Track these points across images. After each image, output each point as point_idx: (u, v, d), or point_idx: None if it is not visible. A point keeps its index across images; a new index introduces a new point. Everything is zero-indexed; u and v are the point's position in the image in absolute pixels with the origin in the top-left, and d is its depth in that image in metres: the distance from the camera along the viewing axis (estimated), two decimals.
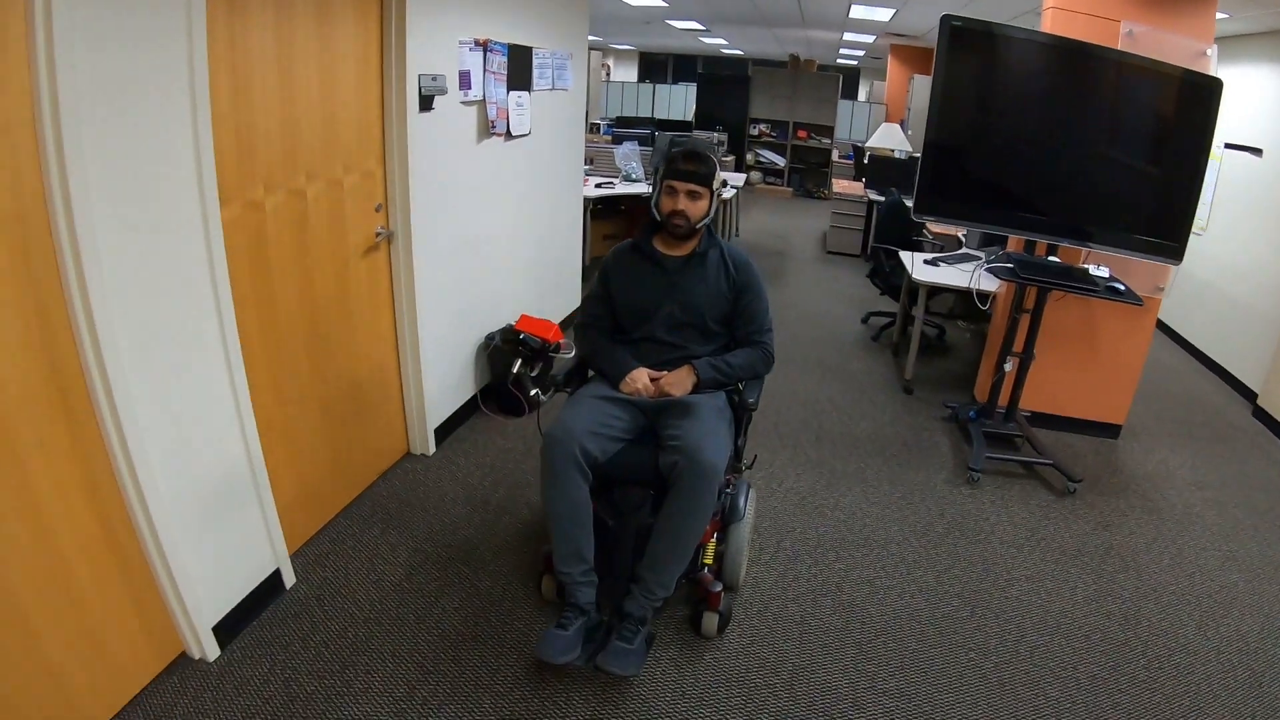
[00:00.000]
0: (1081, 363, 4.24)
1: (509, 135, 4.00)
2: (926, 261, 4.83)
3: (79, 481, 2.01)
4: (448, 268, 3.63)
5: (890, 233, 5.64)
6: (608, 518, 2.44)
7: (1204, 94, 3.30)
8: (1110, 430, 4.36)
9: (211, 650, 2.41)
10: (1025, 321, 3.85)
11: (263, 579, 2.63)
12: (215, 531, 2.42)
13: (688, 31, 12.47)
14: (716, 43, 14.54)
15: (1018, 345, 3.91)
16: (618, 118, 12.30)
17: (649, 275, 2.63)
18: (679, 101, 16.36)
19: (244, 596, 2.55)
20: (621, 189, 7.05)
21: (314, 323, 2.91)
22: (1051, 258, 3.74)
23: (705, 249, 2.63)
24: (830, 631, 2.68)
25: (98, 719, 2.13)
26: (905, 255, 5.00)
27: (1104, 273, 3.67)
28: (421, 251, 3.37)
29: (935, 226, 5.97)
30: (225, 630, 2.46)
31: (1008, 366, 3.94)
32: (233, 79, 2.35)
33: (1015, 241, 4.10)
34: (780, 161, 13.32)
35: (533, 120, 4.25)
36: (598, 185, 7.05)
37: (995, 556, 3.17)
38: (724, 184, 2.59)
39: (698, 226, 2.57)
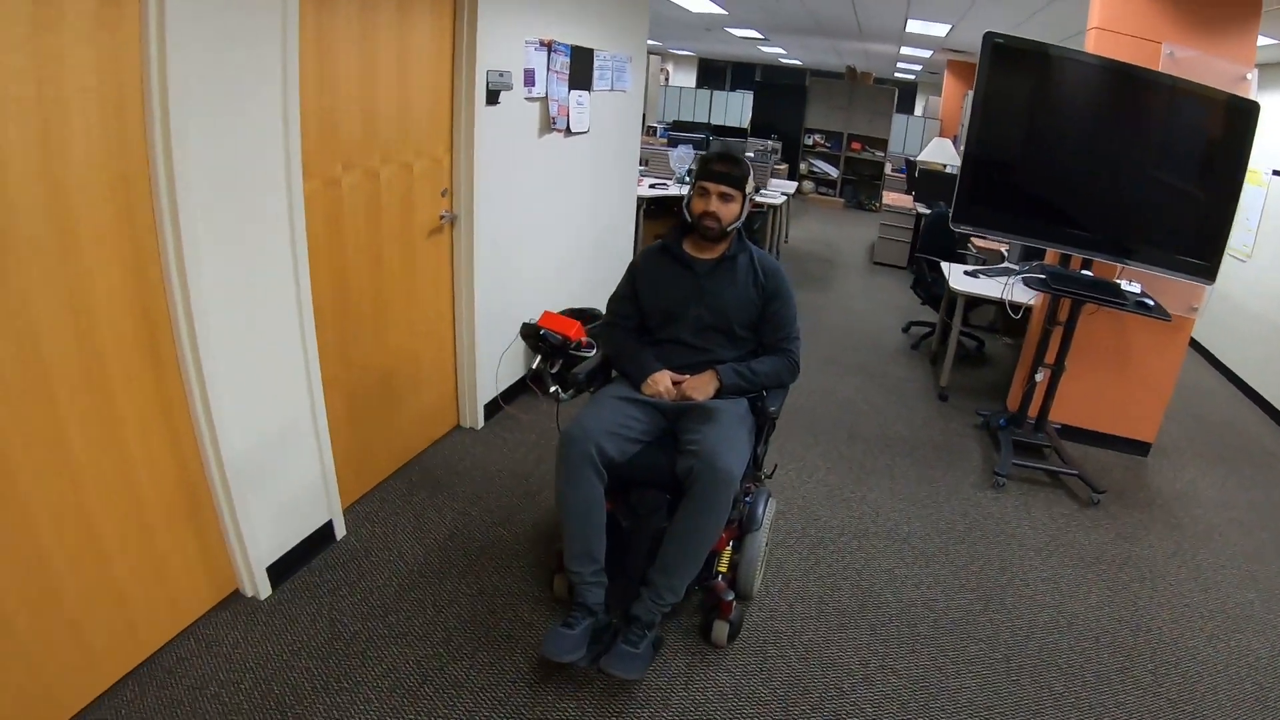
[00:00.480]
0: (1113, 378, 4.21)
1: (569, 132, 4.13)
2: (966, 273, 4.84)
3: (159, 420, 2.18)
4: (505, 253, 3.76)
5: (934, 244, 5.64)
6: (623, 519, 2.40)
7: (1241, 117, 3.28)
8: (1140, 447, 4.33)
9: (264, 589, 2.57)
10: (1058, 334, 3.86)
11: (316, 528, 2.79)
12: (276, 479, 2.58)
13: (746, 40, 12.51)
14: (775, 51, 14.54)
15: (1049, 357, 3.92)
16: (674, 121, 12.35)
17: (677, 277, 2.56)
18: (735, 108, 16.37)
19: (297, 542, 2.71)
20: (675, 190, 7.14)
21: (379, 294, 3.06)
22: (1084, 271, 3.74)
23: (735, 253, 2.56)
24: (847, 613, 2.75)
25: (154, 641, 2.31)
26: (946, 266, 5.02)
27: (1135, 288, 3.67)
28: (482, 236, 3.50)
29: (979, 241, 5.96)
30: (277, 572, 2.62)
31: (1039, 377, 3.95)
32: (319, 65, 2.52)
33: (1053, 255, 4.11)
34: (833, 172, 13.28)
35: (592, 119, 4.37)
36: (651, 186, 7.18)
37: (1013, 557, 3.20)
38: (757, 189, 2.57)
39: (729, 230, 2.50)
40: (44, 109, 1.73)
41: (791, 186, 8.80)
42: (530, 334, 2.32)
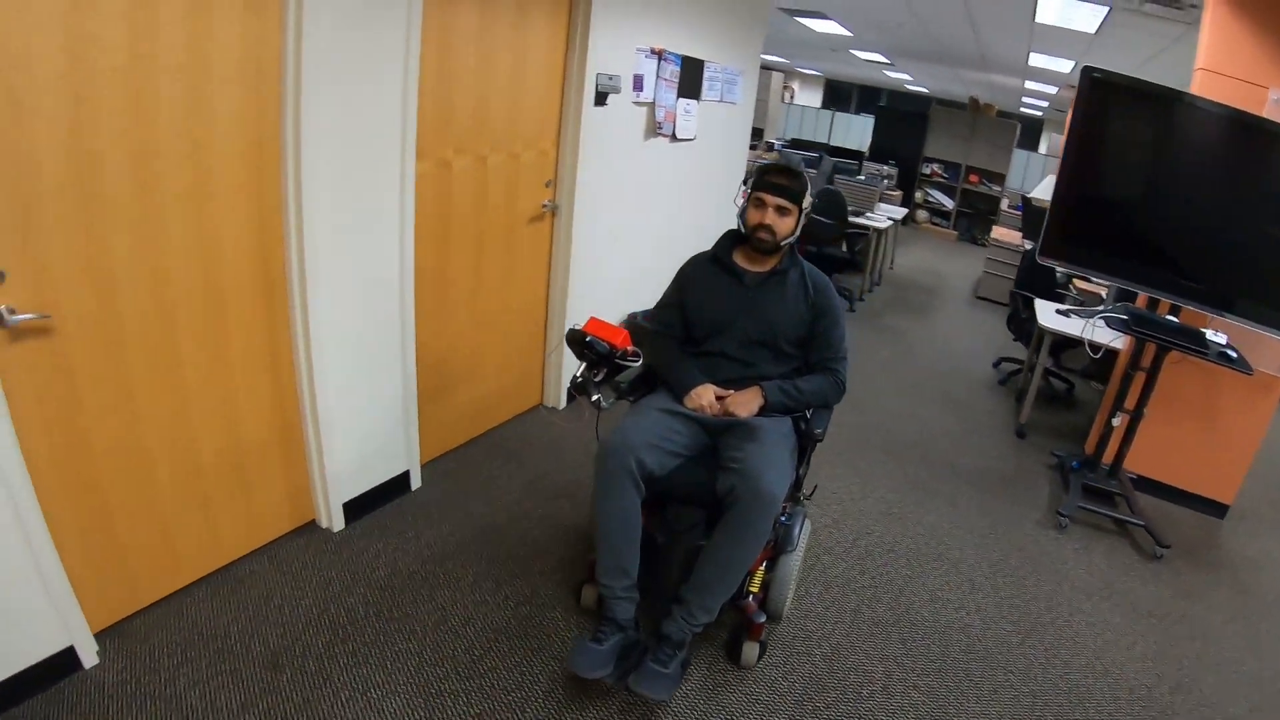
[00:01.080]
0: (1195, 433, 3.97)
1: (674, 138, 4.22)
2: (1058, 311, 4.65)
3: (264, 356, 2.41)
4: (602, 246, 3.89)
5: (1032, 281, 5.45)
6: (657, 534, 2.28)
7: None
8: (1217, 508, 4.04)
9: (338, 522, 2.78)
10: (1140, 379, 3.69)
11: (393, 476, 2.98)
12: (363, 425, 2.78)
13: (872, 63, 12.32)
14: (900, 77, 14.20)
15: (1130, 402, 3.75)
16: (793, 139, 12.29)
17: (727, 288, 2.44)
18: (857, 131, 16.02)
19: (374, 486, 2.90)
20: None
21: (479, 270, 3.24)
22: (1170, 317, 3.56)
23: (786, 267, 2.44)
24: (881, 624, 2.73)
25: (232, 553, 2.55)
26: (1039, 303, 4.86)
27: (1221, 339, 3.47)
28: (580, 227, 3.64)
29: (1081, 282, 5.73)
30: (352, 509, 2.82)
31: (1115, 421, 3.79)
32: (440, 58, 2.70)
33: (1144, 299, 3.93)
34: (949, 204, 12.86)
35: (699, 128, 4.44)
36: None
37: (1061, 597, 3.09)
38: (812, 204, 2.43)
39: (783, 243, 2.39)
40: (193, 77, 1.96)
41: (899, 212, 8.59)
42: (576, 340, 2.24)
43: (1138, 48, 5.65)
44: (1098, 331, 3.76)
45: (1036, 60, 7.62)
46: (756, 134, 11.94)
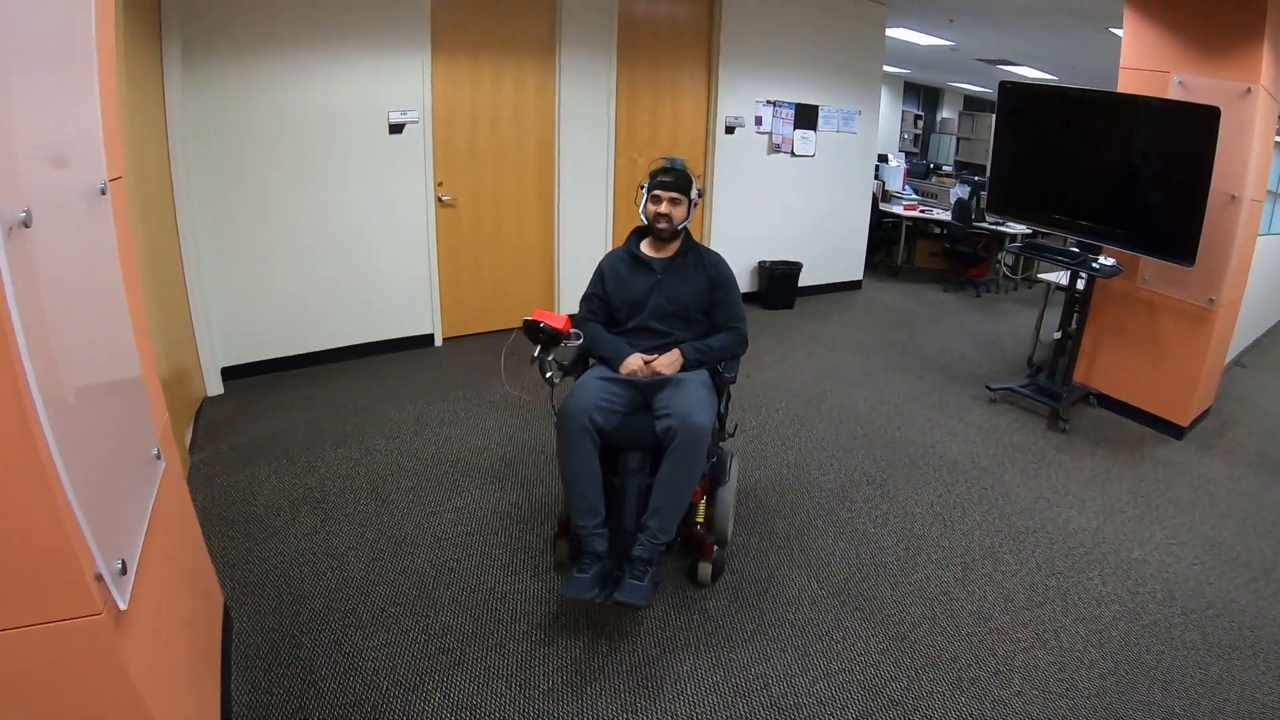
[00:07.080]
0: (1145, 358, 3.93)
1: (793, 154, 5.39)
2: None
3: (539, 236, 4.52)
4: (737, 214, 5.34)
5: None
6: (614, 479, 2.27)
7: (1202, 122, 3.16)
8: (1172, 429, 3.76)
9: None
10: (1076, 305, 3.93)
11: None
12: (581, 278, 4.64)
13: None
14: None
15: (1072, 324, 4.00)
16: None
17: (640, 276, 2.46)
18: None
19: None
20: (938, 215, 7.75)
21: None
22: (1071, 248, 3.94)
23: (685, 250, 2.46)
24: (800, 395, 3.88)
25: (507, 324, 4.56)
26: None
27: (1109, 262, 3.73)
28: (719, 207, 5.18)
29: None
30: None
31: (1056, 335, 4.09)
32: (629, 110, 4.51)
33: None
34: None
35: (819, 149, 5.50)
36: (921, 210, 7.82)
37: (943, 419, 3.63)
38: (699, 193, 2.51)
39: (679, 228, 2.42)
40: (519, 119, 4.07)
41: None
42: (532, 328, 2.37)
43: None
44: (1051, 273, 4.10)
45: None
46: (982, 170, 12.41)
